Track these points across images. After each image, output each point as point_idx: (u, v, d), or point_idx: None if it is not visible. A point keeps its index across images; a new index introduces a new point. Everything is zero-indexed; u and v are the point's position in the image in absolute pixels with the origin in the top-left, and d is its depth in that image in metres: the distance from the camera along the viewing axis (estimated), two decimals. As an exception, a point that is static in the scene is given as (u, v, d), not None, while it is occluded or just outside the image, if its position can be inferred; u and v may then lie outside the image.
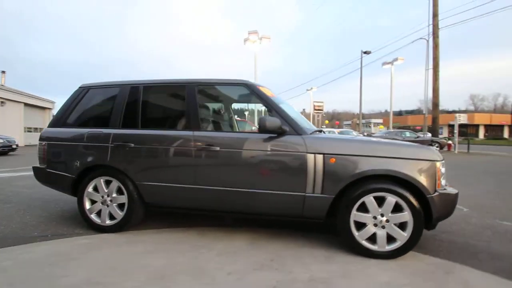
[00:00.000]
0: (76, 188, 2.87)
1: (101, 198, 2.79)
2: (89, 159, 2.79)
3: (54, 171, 2.94)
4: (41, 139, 3.02)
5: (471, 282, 1.95)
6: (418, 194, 2.24)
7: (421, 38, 20.02)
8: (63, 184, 2.92)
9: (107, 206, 2.78)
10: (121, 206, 2.77)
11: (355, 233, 2.32)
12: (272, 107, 2.56)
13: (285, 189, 2.41)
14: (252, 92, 2.69)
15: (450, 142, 17.14)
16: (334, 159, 2.32)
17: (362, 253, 2.32)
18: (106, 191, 2.77)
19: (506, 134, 38.52)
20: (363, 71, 27.79)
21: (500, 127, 40.05)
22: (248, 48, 17.37)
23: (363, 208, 2.31)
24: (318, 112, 32.59)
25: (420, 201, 2.24)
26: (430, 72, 18.09)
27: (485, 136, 33.63)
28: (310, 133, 2.49)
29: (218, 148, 2.51)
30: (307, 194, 2.37)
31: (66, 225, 3.00)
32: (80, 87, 3.11)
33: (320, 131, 2.68)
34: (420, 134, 19.15)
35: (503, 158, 12.91)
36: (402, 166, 2.24)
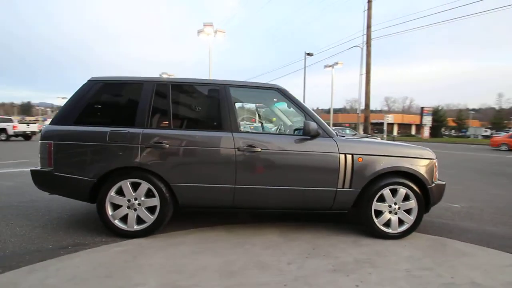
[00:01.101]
0: (94, 193, 2.62)
1: (127, 202, 2.61)
2: (115, 160, 2.57)
3: (64, 175, 2.60)
4: (44, 137, 2.62)
5: (463, 250, 2.62)
6: (420, 185, 2.83)
7: (356, 46, 22.63)
8: (78, 189, 2.62)
9: (135, 210, 2.63)
10: (150, 209, 2.65)
11: (375, 220, 2.79)
12: (306, 112, 2.83)
13: (320, 185, 2.72)
14: (284, 97, 2.90)
15: (379, 138, 20.06)
16: (361, 159, 2.73)
17: (380, 236, 2.80)
18: (133, 194, 2.61)
19: (413, 131, 47.06)
20: (302, 71, 29.95)
21: (409, 125, 48.89)
22: (202, 40, 16.92)
23: (381, 199, 2.79)
24: (259, 109, 33.86)
25: (421, 191, 2.83)
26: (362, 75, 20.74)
27: (398, 133, 40.56)
28: (337, 136, 2.84)
29: (259, 149, 2.65)
30: (338, 189, 2.73)
31: (78, 234, 2.70)
32: (90, 81, 2.79)
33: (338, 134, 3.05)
34: (353, 131, 21.83)
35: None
36: (413, 164, 2.79)
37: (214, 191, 2.66)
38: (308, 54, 29.21)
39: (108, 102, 2.83)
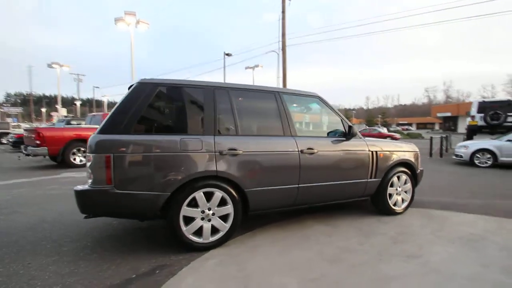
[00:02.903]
0: (164, 209, 2.37)
1: (201, 213, 2.48)
2: (193, 170, 2.39)
3: (130, 192, 2.24)
4: (99, 150, 2.18)
5: (443, 215, 3.68)
6: (412, 171, 3.78)
7: (272, 51, 24.65)
8: (147, 207, 2.31)
9: (209, 220, 2.52)
10: (221, 218, 2.60)
11: (389, 201, 3.57)
12: (341, 117, 3.32)
13: (359, 177, 3.28)
14: (323, 103, 3.31)
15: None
16: (382, 154, 3.45)
17: (391, 213, 3.59)
18: (207, 204, 2.50)
19: (313, 129, 54.78)
20: (218, 70, 30.45)
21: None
22: (120, 29, 15.02)
23: (391, 184, 3.59)
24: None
25: (413, 175, 3.79)
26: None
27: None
28: (363, 137, 3.47)
29: (316, 151, 2.98)
30: (368, 180, 3.37)
31: (143, 257, 2.37)
32: (143, 83, 2.47)
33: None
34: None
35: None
36: (410, 156, 3.71)
37: (282, 192, 2.83)
38: (227, 54, 29.87)
39: (166, 108, 2.57)
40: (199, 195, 2.47)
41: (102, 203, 2.24)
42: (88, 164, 2.25)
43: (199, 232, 2.50)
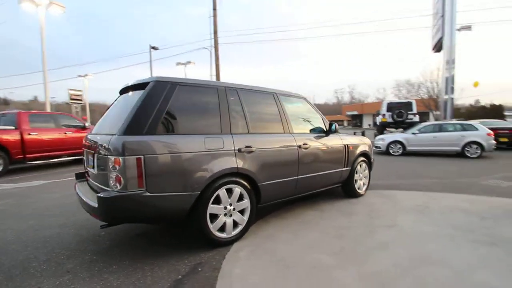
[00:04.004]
0: (192, 209, 2.38)
1: (223, 209, 2.58)
2: (219, 167, 2.46)
3: (163, 194, 2.17)
4: (129, 152, 2.05)
5: (393, 194, 4.64)
6: (369, 160, 4.63)
7: (204, 48, 24.37)
8: (178, 208, 2.28)
9: (231, 216, 2.64)
10: (240, 212, 2.75)
11: (355, 185, 4.30)
12: (322, 116, 3.83)
13: (337, 168, 3.87)
14: (308, 104, 3.75)
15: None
16: (352, 147, 4.13)
17: (356, 196, 4.35)
18: (229, 200, 2.62)
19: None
20: (143, 64, 28.34)
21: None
22: (24, 9, 12.47)
23: (356, 172, 4.34)
24: (75, 102, 27.80)
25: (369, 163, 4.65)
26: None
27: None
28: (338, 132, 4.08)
29: (309, 145, 3.40)
30: (343, 169, 3.99)
31: (170, 259, 2.33)
32: (161, 82, 2.40)
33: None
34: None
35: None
36: (366, 147, 4.52)
37: (286, 184, 3.14)
38: (153, 47, 27.96)
39: (185, 107, 2.51)
40: (222, 192, 2.56)
41: (132, 208, 2.11)
42: (111, 167, 2.08)
43: (222, 227, 2.59)
